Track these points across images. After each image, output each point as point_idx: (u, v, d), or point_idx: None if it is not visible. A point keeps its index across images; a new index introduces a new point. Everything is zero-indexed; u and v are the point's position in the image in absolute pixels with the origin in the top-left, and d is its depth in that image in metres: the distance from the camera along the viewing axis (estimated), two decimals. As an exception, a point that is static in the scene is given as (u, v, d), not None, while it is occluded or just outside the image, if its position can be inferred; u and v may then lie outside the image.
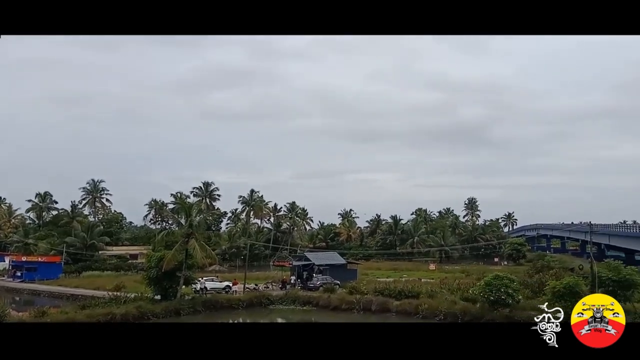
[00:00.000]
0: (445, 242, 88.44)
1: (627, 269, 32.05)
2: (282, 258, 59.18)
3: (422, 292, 39.21)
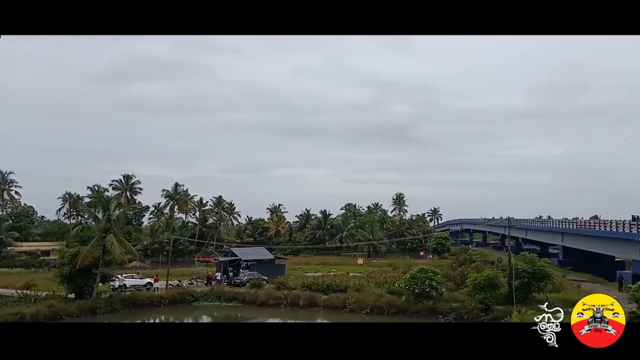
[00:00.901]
0: (373, 237, 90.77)
1: (541, 262, 34.46)
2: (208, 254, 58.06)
3: (350, 286, 40.12)
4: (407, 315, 34.30)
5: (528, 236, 78.05)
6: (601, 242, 51.93)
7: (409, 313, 34.48)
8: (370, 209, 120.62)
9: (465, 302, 33.52)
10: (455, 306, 33.96)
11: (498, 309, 32.02)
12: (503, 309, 31.64)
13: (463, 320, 32.43)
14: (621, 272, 44.21)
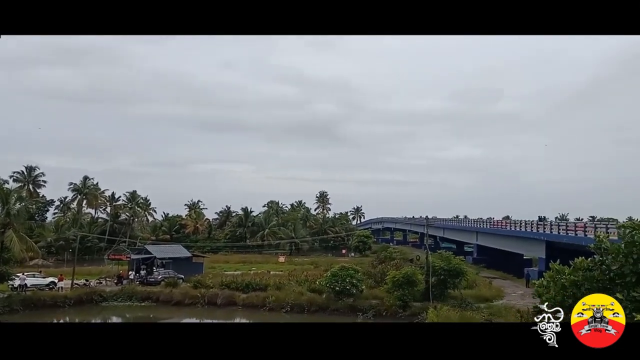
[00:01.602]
0: (296, 235, 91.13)
1: (456, 259, 36.15)
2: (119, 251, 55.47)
3: (271, 284, 39.99)
4: (327, 313, 34.73)
5: (445, 235, 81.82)
6: (511, 241, 55.57)
7: (329, 311, 34.93)
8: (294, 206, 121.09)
9: (385, 299, 34.48)
10: (374, 303, 34.86)
11: (415, 305, 33.25)
12: (420, 305, 32.90)
13: (381, 317, 33.41)
14: (528, 269, 47.50)
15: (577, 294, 14.02)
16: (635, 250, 13.51)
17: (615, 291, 13.40)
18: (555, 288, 14.53)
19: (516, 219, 60.87)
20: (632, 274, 13.32)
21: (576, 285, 14.10)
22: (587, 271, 14.27)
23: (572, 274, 14.32)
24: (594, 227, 38.74)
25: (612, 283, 13.72)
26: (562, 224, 49.77)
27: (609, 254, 14.05)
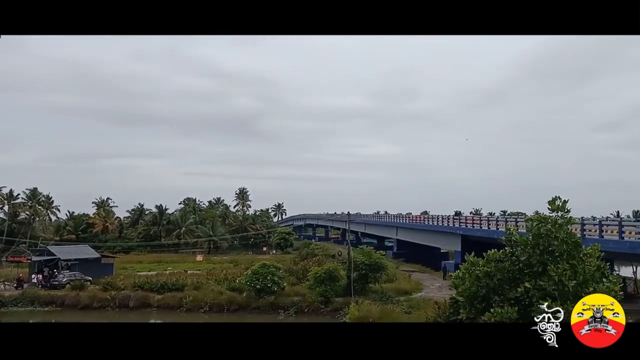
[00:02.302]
0: (214, 233, 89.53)
1: (377, 254, 37.25)
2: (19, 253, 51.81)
3: (188, 284, 39.12)
4: (247, 311, 34.56)
5: (367, 230, 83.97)
6: (429, 236, 58.13)
7: (249, 309, 34.77)
8: (212, 203, 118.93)
9: (307, 296, 34.83)
10: (296, 300, 35.12)
11: (337, 300, 33.88)
12: (342, 300, 33.57)
13: (303, 313, 33.75)
14: (445, 262, 49.94)
15: (490, 284, 14.98)
16: (542, 242, 14.63)
17: (524, 280, 14.46)
18: (470, 279, 15.40)
19: (434, 214, 63.76)
20: (539, 263, 14.42)
21: (489, 276, 15.03)
22: (498, 262, 15.24)
23: (485, 266, 15.24)
24: (505, 221, 41.43)
25: (521, 273, 14.77)
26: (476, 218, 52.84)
27: (518, 245, 15.10)
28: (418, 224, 62.50)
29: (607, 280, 14.52)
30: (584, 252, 14.90)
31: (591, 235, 30.40)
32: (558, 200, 15.33)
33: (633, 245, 28.41)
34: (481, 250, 16.07)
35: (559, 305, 13.38)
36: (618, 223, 32.26)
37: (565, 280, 13.75)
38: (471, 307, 15.15)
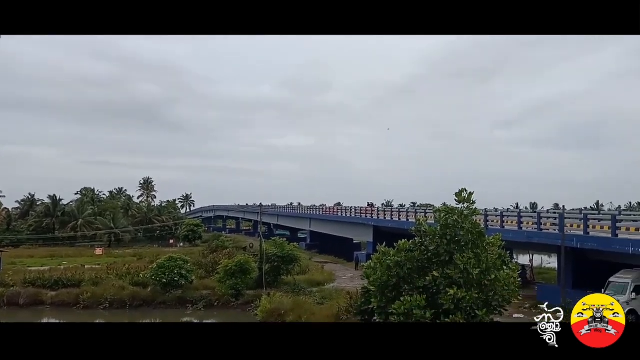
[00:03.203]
0: (116, 225, 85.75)
1: (290, 246, 37.60)
2: None
3: (86, 279, 37.32)
4: (152, 306, 33.67)
5: (280, 222, 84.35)
6: (342, 227, 59.53)
7: (154, 304, 33.90)
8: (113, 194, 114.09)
9: (217, 289, 34.51)
10: (205, 294, 34.69)
11: (249, 293, 33.86)
12: (254, 293, 33.61)
13: (213, 307, 33.42)
14: (358, 253, 51.41)
15: (400, 274, 15.75)
16: (449, 232, 15.60)
17: (433, 269, 15.36)
18: (381, 269, 16.10)
19: (347, 206, 65.29)
20: (446, 253, 15.37)
21: (399, 266, 15.80)
22: (409, 252, 16.07)
23: (396, 255, 16.00)
24: (415, 212, 43.39)
25: (429, 262, 15.67)
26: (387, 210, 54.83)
27: (427, 235, 16.00)
28: (331, 216, 63.74)
29: (508, 268, 15.80)
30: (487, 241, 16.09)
31: (493, 226, 32.69)
32: (464, 192, 16.39)
33: (530, 235, 30.94)
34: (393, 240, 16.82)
35: (464, 293, 14.41)
36: (517, 214, 34.95)
37: (470, 268, 14.78)
38: (382, 296, 15.86)
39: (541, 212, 36.92)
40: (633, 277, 25.59)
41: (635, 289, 25.19)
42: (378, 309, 15.80)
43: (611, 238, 25.53)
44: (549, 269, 45.11)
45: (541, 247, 33.28)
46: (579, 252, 27.98)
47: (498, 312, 15.51)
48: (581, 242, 27.17)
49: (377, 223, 49.69)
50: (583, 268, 28.11)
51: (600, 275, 26.51)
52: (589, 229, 27.38)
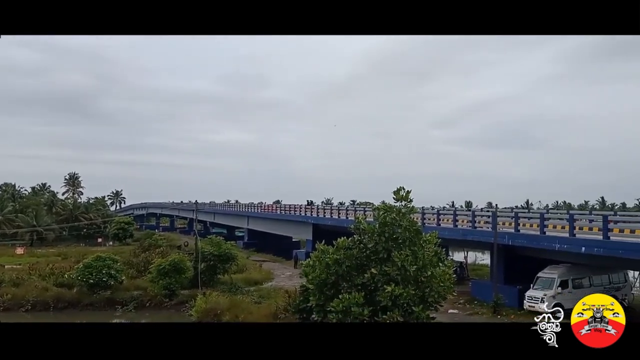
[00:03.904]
0: (38, 223, 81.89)
1: (227, 244, 37.30)
2: None
3: (6, 280, 35.55)
4: (78, 308, 32.51)
5: (216, 220, 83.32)
6: (281, 225, 59.58)
7: (81, 306, 32.75)
8: (36, 190, 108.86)
9: (149, 289, 33.76)
10: (136, 294, 33.86)
11: (183, 293, 33.34)
12: (188, 293, 33.10)
13: (145, 308, 32.68)
14: (296, 251, 51.64)
15: (339, 271, 16.02)
16: (387, 230, 16.01)
17: (371, 266, 15.71)
18: (320, 267, 16.30)
19: (286, 204, 65.43)
20: (384, 250, 15.77)
21: (338, 263, 16.06)
22: (347, 250, 16.36)
23: (335, 253, 16.25)
24: (354, 210, 44.10)
25: (368, 259, 16.02)
26: (327, 208, 55.40)
27: (366, 233, 16.35)
28: (270, 214, 63.64)
29: (443, 265, 16.40)
30: (423, 239, 16.63)
31: (430, 224, 33.79)
32: (402, 190, 16.86)
33: (465, 232, 32.21)
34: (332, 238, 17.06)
35: (401, 290, 14.84)
36: (453, 213, 36.28)
37: (407, 265, 15.24)
38: (321, 294, 16.07)
39: (475, 211, 38.47)
40: (559, 273, 27.23)
41: (561, 283, 26.82)
42: (316, 307, 16.00)
43: (539, 235, 26.99)
44: (482, 266, 47.07)
45: (475, 244, 34.66)
46: (510, 249, 29.39)
47: (434, 308, 16.07)
48: (512, 239, 28.57)
49: (317, 221, 50.11)
50: (514, 264, 29.55)
51: (529, 271, 28.01)
52: (519, 226, 28.82)
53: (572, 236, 25.16)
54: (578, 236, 25.15)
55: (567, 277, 27.22)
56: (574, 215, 27.04)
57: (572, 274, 27.41)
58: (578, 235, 25.22)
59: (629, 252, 22.77)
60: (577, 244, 24.88)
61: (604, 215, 25.54)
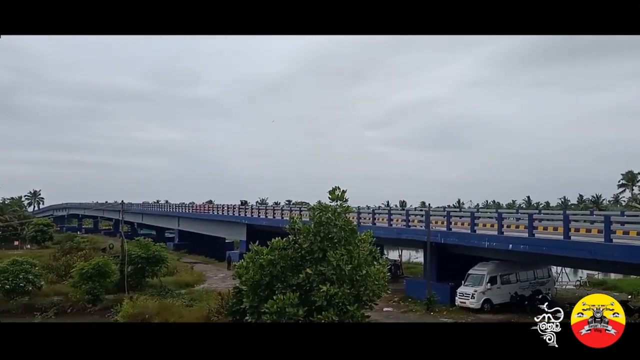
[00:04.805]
0: (-54, 224, 76.75)
1: (156, 246, 36.47)
2: None
3: None
4: (-7, 316, 30.79)
5: (144, 221, 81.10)
6: (214, 226, 58.83)
7: (-3, 312, 31.11)
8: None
9: (70, 294, 32.50)
10: (57, 300, 32.54)
11: (108, 298, 32.33)
12: (114, 297, 32.12)
13: (66, 314, 31.42)
14: (230, 252, 51.16)
15: (273, 272, 16.03)
16: (322, 229, 16.19)
17: (306, 266, 15.83)
18: (254, 268, 16.26)
19: (219, 204, 64.65)
20: (320, 250, 15.93)
21: (273, 264, 16.07)
22: (282, 250, 16.40)
23: (269, 254, 16.25)
24: (290, 210, 44.21)
25: (303, 259, 16.13)
26: (262, 208, 55.22)
27: (301, 233, 16.45)
28: (202, 214, 62.70)
29: (378, 263, 16.78)
30: (359, 238, 16.94)
31: (365, 223, 34.45)
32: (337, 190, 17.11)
33: (399, 231, 33.08)
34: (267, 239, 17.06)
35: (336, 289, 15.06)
36: (388, 212, 37.15)
37: (342, 264, 15.49)
38: (255, 295, 16.03)
39: (409, 210, 39.55)
40: (488, 269, 28.54)
41: (491, 279, 28.14)
42: (250, 309, 15.94)
43: (470, 234, 28.20)
44: (416, 264, 48.44)
45: (410, 242, 35.65)
46: (443, 247, 30.48)
47: (368, 307, 16.40)
48: (444, 237, 29.65)
49: (251, 221, 49.88)
50: (446, 262, 30.67)
51: (461, 269, 29.19)
52: (451, 225, 29.95)
53: (501, 234, 26.47)
54: (506, 234, 26.50)
55: (496, 273, 28.56)
56: (502, 214, 28.44)
57: (501, 270, 28.79)
58: (506, 233, 26.56)
59: (552, 248, 24.26)
60: (505, 241, 26.18)
61: (529, 214, 27.07)
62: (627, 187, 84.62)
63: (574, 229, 23.42)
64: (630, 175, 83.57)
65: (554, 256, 25.59)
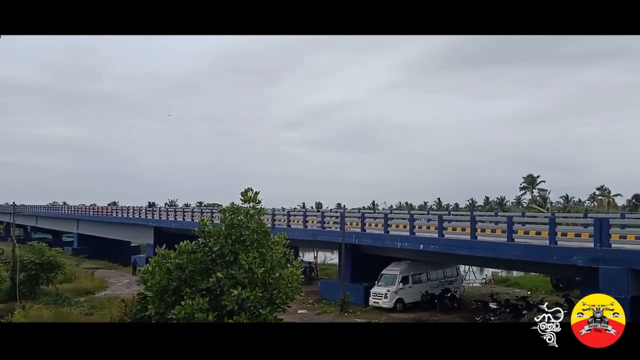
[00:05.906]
0: None
1: (52, 251, 34.59)
2: None
3: None
4: None
5: (39, 224, 76.89)
6: (118, 229, 56.65)
7: None
8: None
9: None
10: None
11: (-2, 308, 30.28)
12: (4, 306, 30.15)
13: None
14: (135, 256, 49.42)
15: (181, 276, 15.63)
16: (234, 232, 16.00)
17: (217, 270, 15.58)
18: (160, 273, 15.78)
19: (124, 206, 62.28)
20: (231, 253, 15.74)
21: (181, 268, 15.67)
22: (191, 254, 16.04)
23: (177, 258, 15.83)
24: (200, 212, 43.40)
25: (213, 263, 15.86)
26: (171, 210, 53.82)
27: (211, 236, 16.17)
28: (104, 216, 60.34)
29: (291, 266, 16.82)
30: (272, 240, 16.90)
31: (280, 225, 34.48)
32: (250, 191, 16.98)
33: (315, 233, 33.43)
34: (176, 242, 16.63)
35: (248, 292, 14.93)
36: (303, 214, 37.43)
37: (254, 267, 15.38)
38: (161, 301, 15.55)
39: (325, 212, 40.06)
40: (400, 269, 29.54)
41: (403, 279, 29.15)
42: (156, 316, 15.45)
43: (383, 234, 29.04)
44: (331, 265, 49.17)
45: (325, 244, 36.13)
46: (357, 248, 31.16)
47: (282, 310, 16.41)
48: (359, 238, 30.33)
49: (159, 224, 48.53)
50: (361, 263, 31.38)
51: (375, 269, 29.98)
52: (365, 226, 30.68)
53: (412, 235, 27.47)
54: (417, 235, 27.55)
55: (408, 273, 29.61)
56: (414, 215, 29.51)
57: (412, 270, 29.88)
58: (418, 233, 27.63)
59: (460, 248, 25.56)
60: (416, 241, 27.23)
61: (439, 215, 28.36)
62: (527, 189, 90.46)
63: (480, 230, 24.86)
64: (530, 179, 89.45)
65: (462, 255, 26.94)
